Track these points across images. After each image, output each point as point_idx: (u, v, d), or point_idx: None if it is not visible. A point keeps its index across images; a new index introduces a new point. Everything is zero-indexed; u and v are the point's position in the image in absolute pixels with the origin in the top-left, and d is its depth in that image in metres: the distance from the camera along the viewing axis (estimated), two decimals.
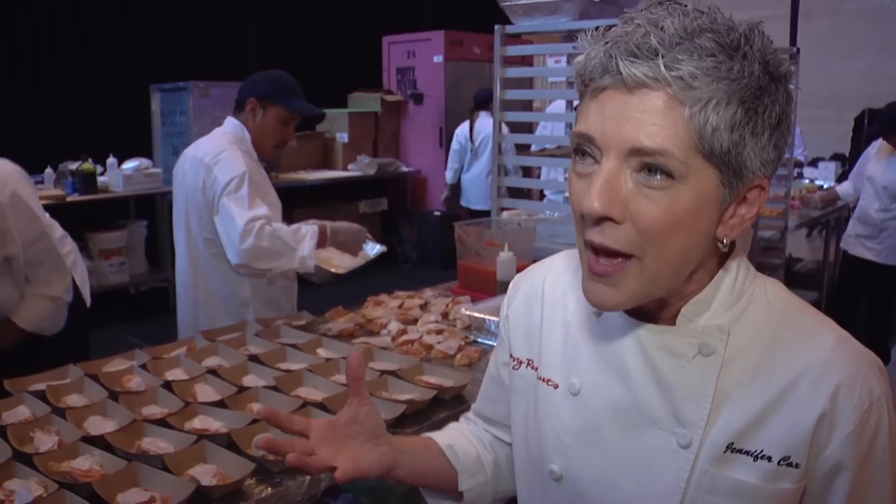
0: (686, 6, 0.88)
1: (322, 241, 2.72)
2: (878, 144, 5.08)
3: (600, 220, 0.87)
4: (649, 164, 0.85)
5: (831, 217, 6.16)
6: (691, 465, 0.94)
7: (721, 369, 0.94)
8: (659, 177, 0.85)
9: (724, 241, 0.92)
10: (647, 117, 0.83)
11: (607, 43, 0.86)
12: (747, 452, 0.92)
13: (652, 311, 0.98)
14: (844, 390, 0.90)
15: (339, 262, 2.85)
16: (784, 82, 0.88)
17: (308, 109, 2.90)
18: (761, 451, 0.92)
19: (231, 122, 2.87)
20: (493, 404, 1.27)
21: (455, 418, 1.41)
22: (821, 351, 0.93)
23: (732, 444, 0.93)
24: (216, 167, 2.68)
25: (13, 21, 6.56)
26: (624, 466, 0.99)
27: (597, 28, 0.90)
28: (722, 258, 0.98)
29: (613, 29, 0.88)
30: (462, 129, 7.27)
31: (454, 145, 7.37)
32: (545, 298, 1.14)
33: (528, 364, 1.14)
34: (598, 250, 0.90)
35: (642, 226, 0.86)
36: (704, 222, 0.89)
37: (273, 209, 2.78)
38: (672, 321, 0.97)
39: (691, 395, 0.94)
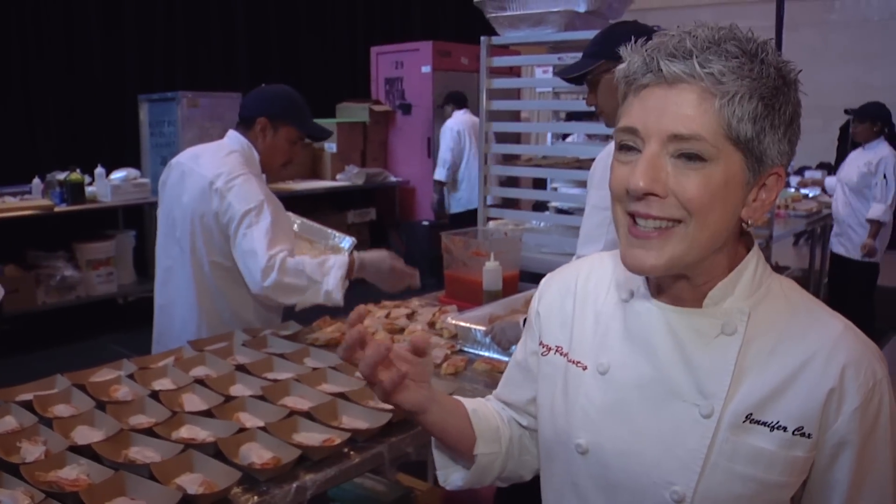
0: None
1: (349, 274, 2.62)
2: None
3: (644, 196, 0.99)
4: (686, 151, 0.97)
5: (817, 226, 6.23)
6: (713, 433, 1.03)
7: (741, 347, 1.04)
8: (694, 161, 0.97)
9: (749, 221, 1.04)
10: (684, 108, 0.97)
11: (647, 49, 1.01)
12: (764, 423, 1.02)
13: (679, 294, 1.09)
14: (851, 369, 1.01)
15: None
16: (794, 87, 1.01)
17: (320, 131, 2.85)
18: (777, 422, 1.02)
19: (237, 140, 2.73)
20: (515, 388, 1.35)
21: None
22: (831, 335, 1.04)
23: (751, 414, 1.03)
24: (230, 193, 2.57)
25: (1, 30, 6.56)
26: (649, 437, 1.08)
27: (636, 41, 1.04)
28: (742, 245, 1.09)
29: (652, 41, 1.02)
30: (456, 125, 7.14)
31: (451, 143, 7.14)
32: (577, 292, 1.25)
33: (556, 350, 1.23)
34: (644, 217, 1.00)
35: (684, 197, 0.97)
36: (734, 199, 1.00)
37: (287, 230, 2.71)
38: (696, 304, 1.08)
39: (713, 369, 1.04)
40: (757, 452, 1.02)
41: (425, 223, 8.05)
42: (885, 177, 5.31)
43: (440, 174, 7.16)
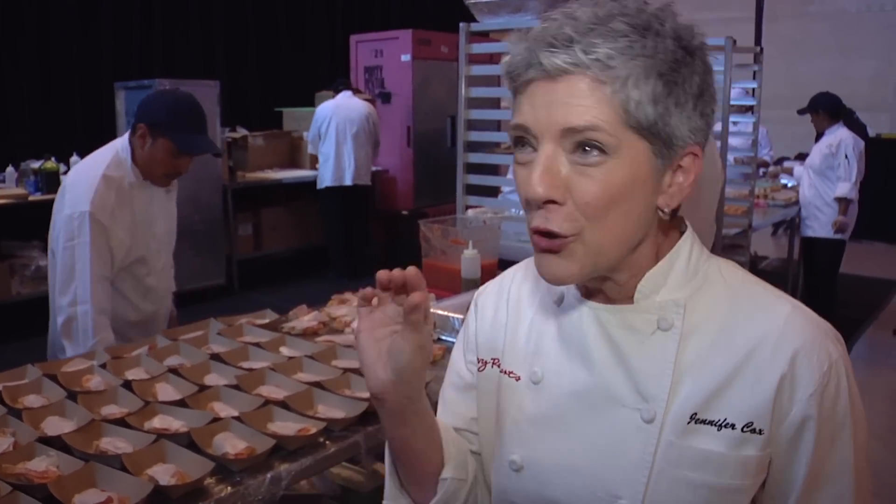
0: None
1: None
2: None
3: (544, 203, 0.91)
4: (582, 142, 0.89)
5: (797, 216, 6.26)
6: (657, 439, 0.95)
7: (680, 342, 0.96)
8: (594, 153, 0.89)
9: (665, 209, 0.96)
10: (574, 100, 0.88)
11: (528, 40, 0.92)
12: (711, 422, 0.94)
13: (609, 293, 1.01)
14: (803, 354, 0.93)
15: None
16: (700, 54, 0.92)
17: (198, 148, 2.61)
18: (724, 420, 0.94)
19: (121, 141, 2.63)
20: (454, 407, 1.21)
21: None
22: (777, 319, 0.96)
23: (696, 414, 0.95)
24: (67, 194, 2.53)
25: None
26: (588, 449, 0.99)
27: (520, 29, 0.95)
28: (669, 232, 1.02)
29: (534, 28, 0.93)
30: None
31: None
32: (510, 299, 1.16)
33: (492, 363, 1.14)
34: (543, 234, 0.93)
35: (582, 201, 0.90)
36: (642, 193, 0.92)
37: (132, 248, 2.60)
38: (630, 300, 1.00)
39: (652, 369, 0.96)
40: (704, 455, 0.94)
41: (404, 212, 8.03)
42: (846, 157, 5.59)
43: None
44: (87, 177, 2.52)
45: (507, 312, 1.15)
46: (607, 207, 0.90)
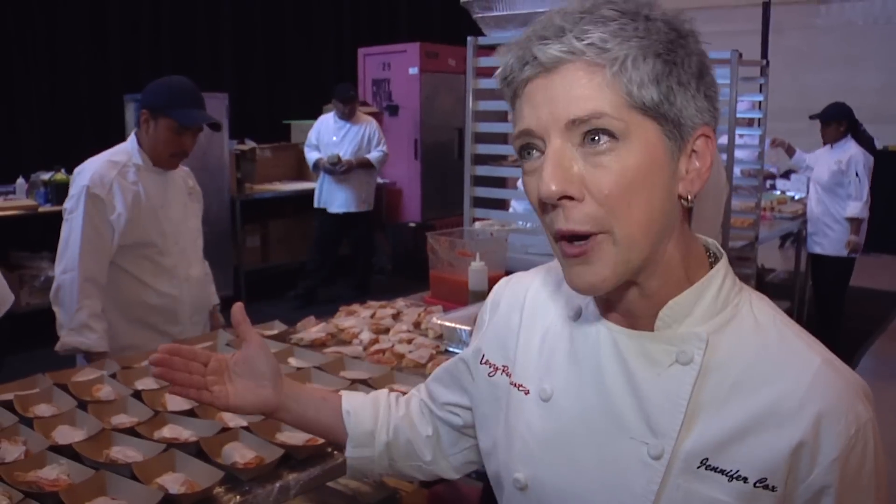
0: None
1: (90, 358, 2.60)
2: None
3: (560, 200, 0.87)
4: (590, 132, 0.86)
5: (804, 228, 6.26)
6: (661, 478, 0.90)
7: (698, 379, 0.91)
8: (604, 140, 0.86)
9: (689, 197, 0.91)
10: (574, 90, 0.85)
11: (518, 43, 0.90)
12: (722, 471, 0.89)
13: (633, 308, 0.96)
14: (830, 416, 0.87)
15: None
16: (692, 37, 0.90)
17: (195, 120, 2.71)
18: (737, 472, 0.88)
19: (129, 139, 2.81)
20: (441, 387, 1.25)
21: None
22: (805, 373, 0.89)
23: (707, 460, 0.90)
24: (74, 182, 2.73)
25: None
26: (592, 476, 0.95)
27: (508, 41, 0.94)
28: (695, 244, 0.98)
29: (523, 33, 0.92)
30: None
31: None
32: (525, 306, 1.12)
33: (503, 371, 1.11)
34: (568, 237, 0.89)
35: (601, 195, 0.86)
36: (660, 179, 0.88)
37: (135, 225, 2.69)
38: (651, 321, 0.95)
39: (666, 403, 0.91)
40: (711, 503, 0.89)
41: (411, 224, 8.05)
42: (857, 174, 5.43)
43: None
44: (91, 162, 2.73)
45: (520, 318, 1.12)
46: (627, 196, 0.86)
